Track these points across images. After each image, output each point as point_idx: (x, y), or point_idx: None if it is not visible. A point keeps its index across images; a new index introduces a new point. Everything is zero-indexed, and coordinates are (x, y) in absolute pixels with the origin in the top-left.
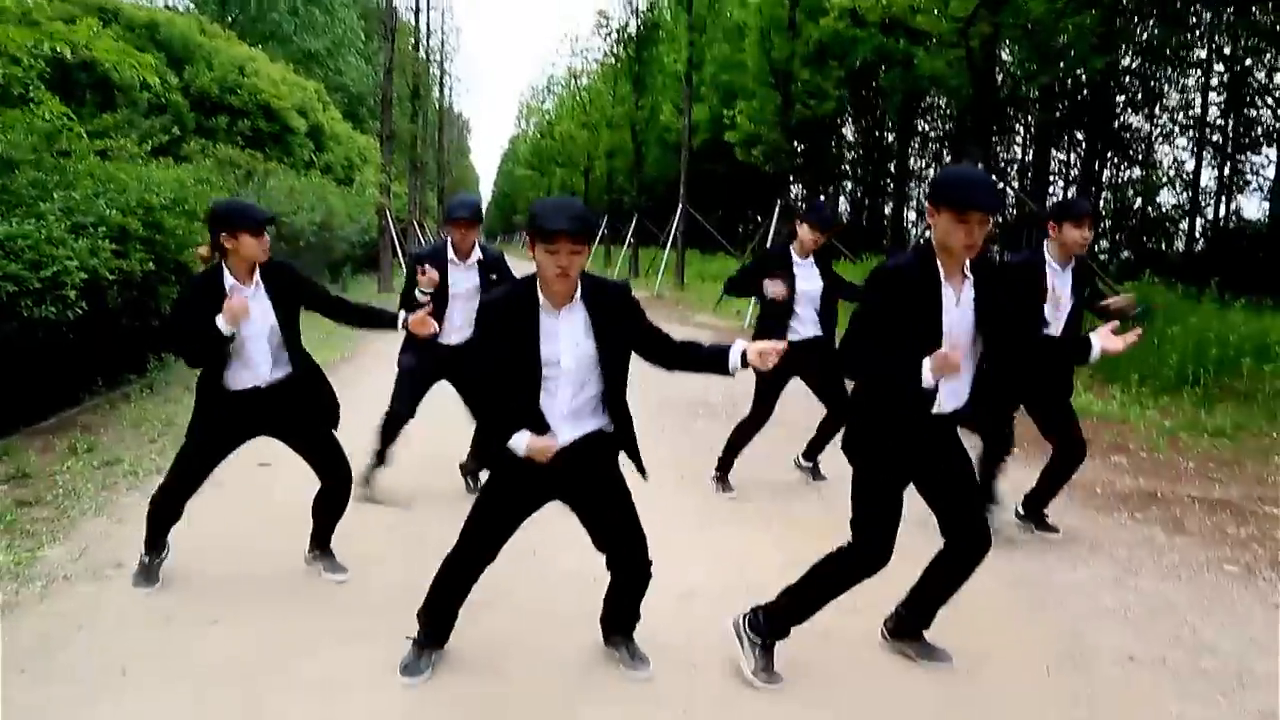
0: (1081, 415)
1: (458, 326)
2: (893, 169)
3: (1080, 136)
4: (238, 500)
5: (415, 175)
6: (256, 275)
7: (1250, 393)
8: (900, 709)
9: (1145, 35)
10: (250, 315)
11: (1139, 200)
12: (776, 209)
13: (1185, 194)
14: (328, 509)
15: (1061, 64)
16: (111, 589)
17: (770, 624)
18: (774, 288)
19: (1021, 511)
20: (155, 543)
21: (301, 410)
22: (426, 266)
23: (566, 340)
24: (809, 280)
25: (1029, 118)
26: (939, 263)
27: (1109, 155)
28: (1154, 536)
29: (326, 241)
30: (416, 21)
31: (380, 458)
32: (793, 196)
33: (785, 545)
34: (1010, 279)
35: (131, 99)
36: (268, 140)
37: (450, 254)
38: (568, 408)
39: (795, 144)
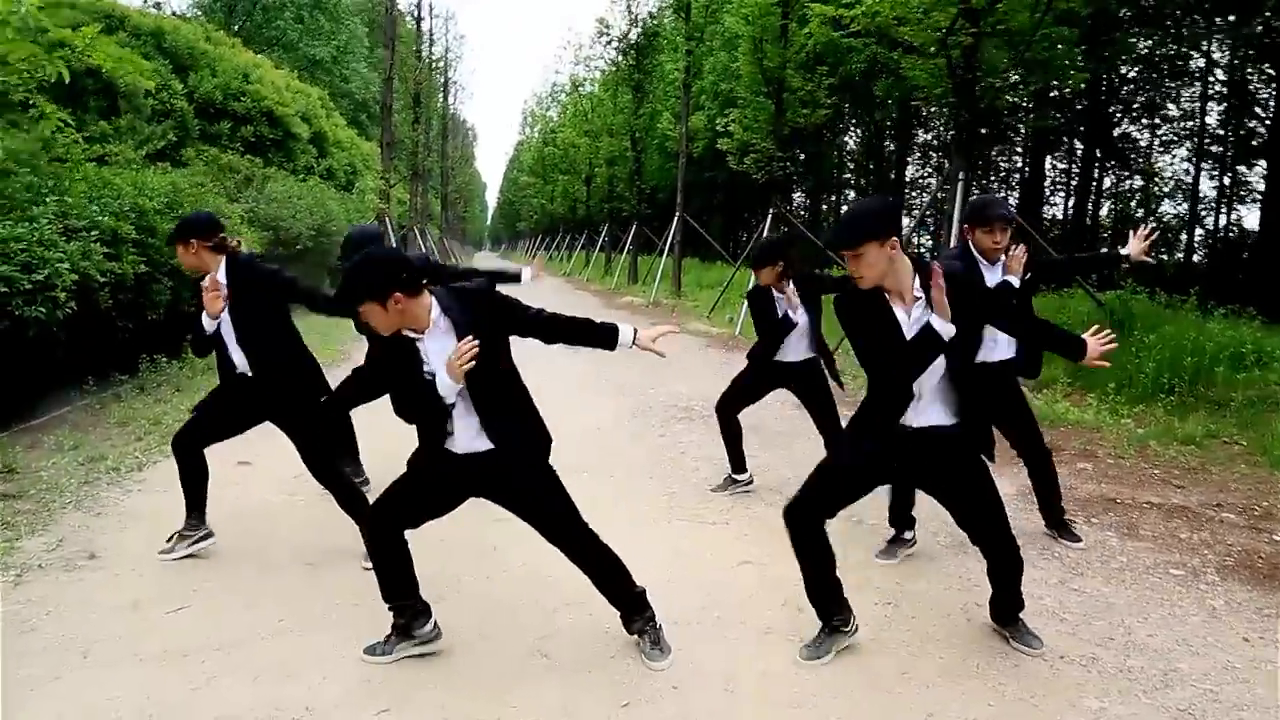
0: (1055, 423)
1: None
2: (892, 177)
3: (1079, 146)
4: (216, 495)
5: (416, 181)
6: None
7: (1223, 401)
8: (826, 701)
9: (1142, 45)
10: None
11: (1140, 210)
12: (769, 218)
13: (1185, 204)
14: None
15: (1045, 74)
16: (83, 578)
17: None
18: None
19: (1048, 530)
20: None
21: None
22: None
23: (438, 359)
24: (796, 315)
25: (1023, 127)
26: (884, 290)
27: (1109, 164)
28: (1106, 541)
29: (324, 246)
30: (419, 29)
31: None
32: (794, 205)
33: (742, 544)
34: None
35: (135, 105)
36: (270, 146)
37: None
38: (465, 419)
39: (794, 152)
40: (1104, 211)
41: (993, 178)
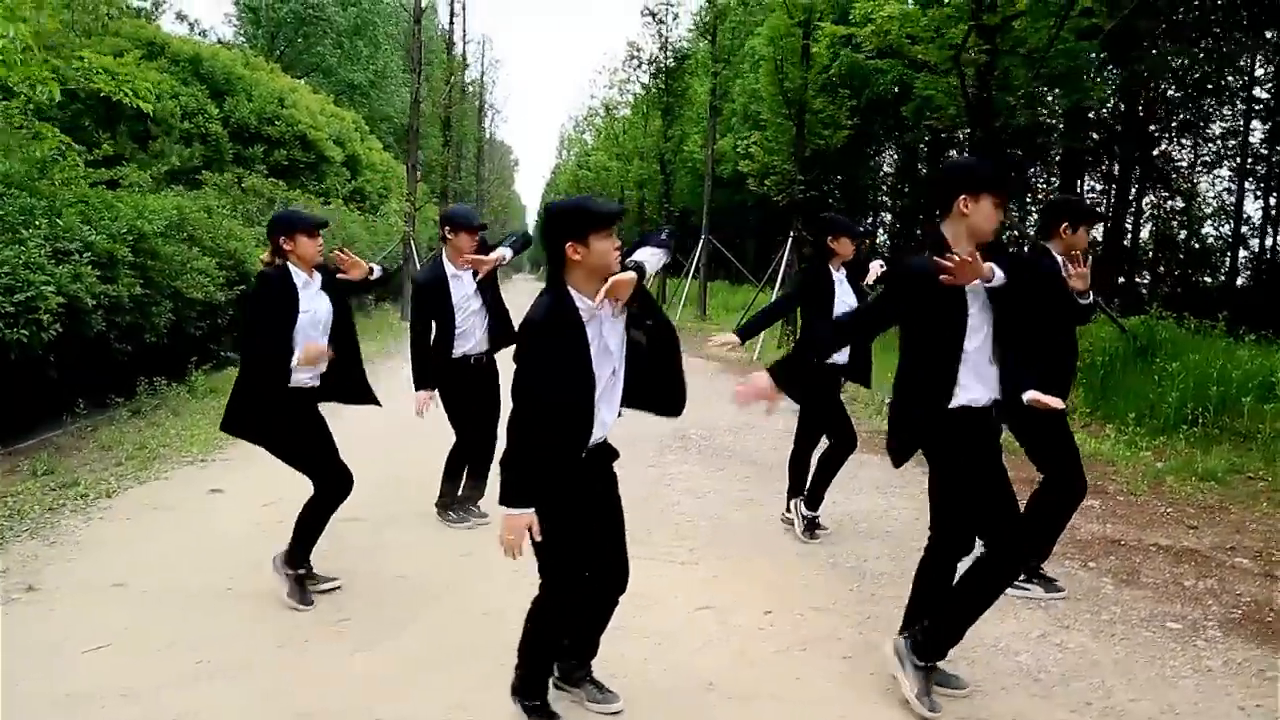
0: None
1: (477, 338)
2: (922, 200)
3: (1115, 167)
4: (182, 522)
5: (445, 204)
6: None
7: (1250, 434)
8: None
9: (1177, 62)
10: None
11: (1183, 232)
12: (790, 240)
13: (1227, 226)
14: (319, 517)
15: (1069, 91)
16: (13, 611)
17: (929, 647)
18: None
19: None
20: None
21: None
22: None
23: (614, 337)
24: (846, 297)
25: (1050, 148)
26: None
27: (1149, 185)
28: (1100, 588)
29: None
30: (449, 53)
31: (455, 488)
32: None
33: (708, 587)
34: (1033, 271)
35: (165, 129)
36: (304, 170)
37: (449, 269)
38: (609, 407)
39: (817, 174)
40: (1144, 234)
41: (1028, 200)
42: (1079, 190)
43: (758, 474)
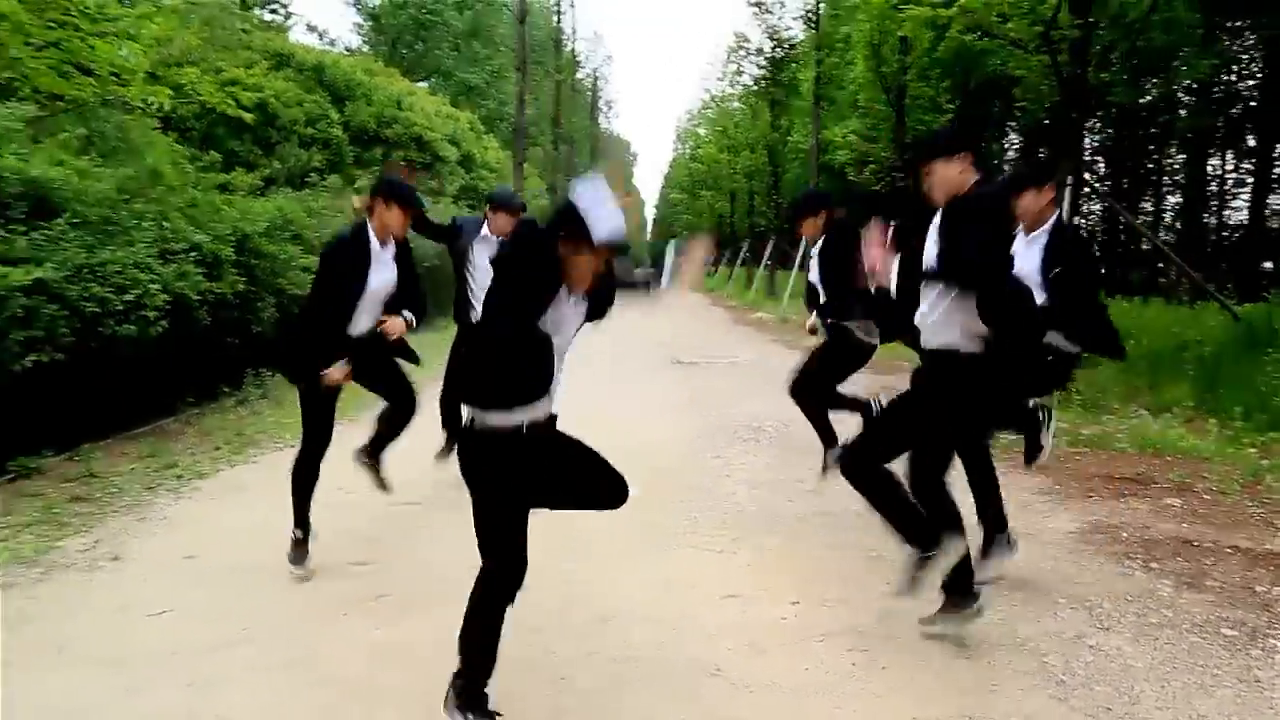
0: (1161, 450)
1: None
2: None
3: (1255, 144)
4: (258, 503)
5: (553, 199)
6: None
7: None
8: None
9: None
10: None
11: None
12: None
13: None
14: (394, 424)
15: (1190, 67)
16: (96, 578)
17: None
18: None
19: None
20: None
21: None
22: None
23: (570, 324)
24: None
25: (1178, 125)
26: None
27: None
28: (1157, 590)
29: (449, 265)
30: (558, 51)
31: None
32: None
33: (739, 576)
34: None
35: (287, 134)
36: (419, 169)
37: (484, 230)
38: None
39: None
40: None
41: (1165, 181)
42: (1216, 170)
43: (798, 458)
